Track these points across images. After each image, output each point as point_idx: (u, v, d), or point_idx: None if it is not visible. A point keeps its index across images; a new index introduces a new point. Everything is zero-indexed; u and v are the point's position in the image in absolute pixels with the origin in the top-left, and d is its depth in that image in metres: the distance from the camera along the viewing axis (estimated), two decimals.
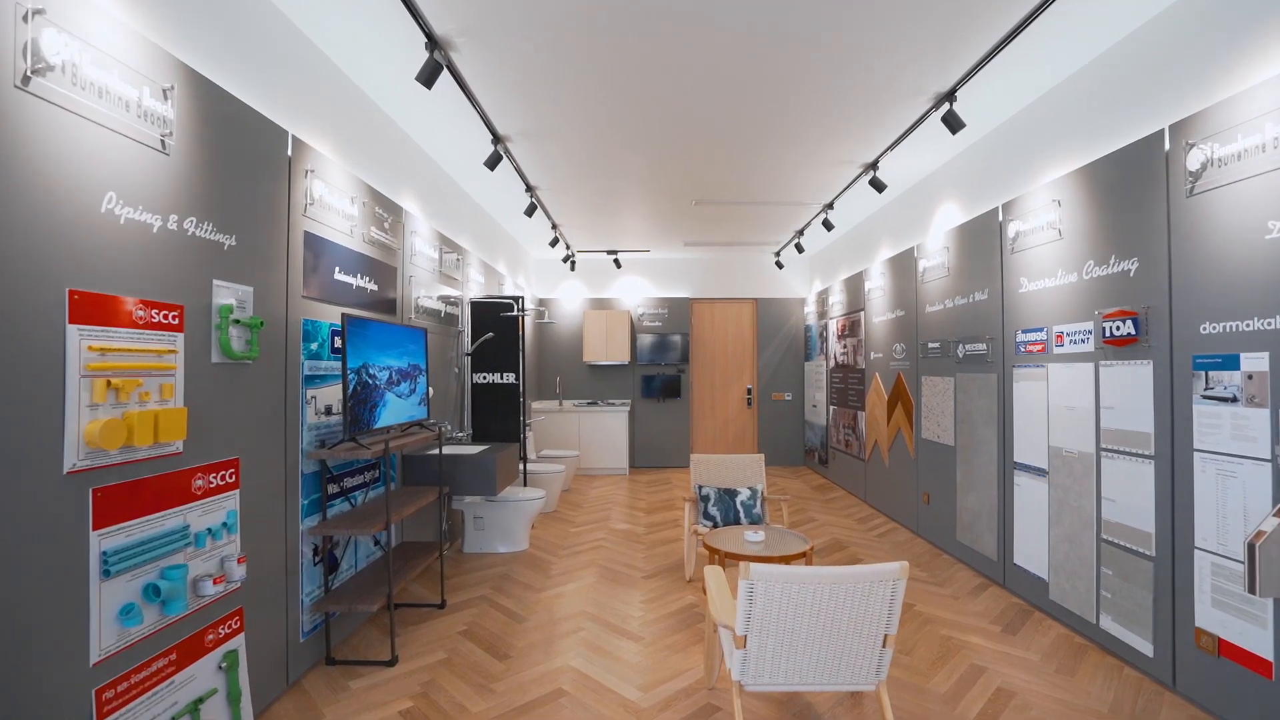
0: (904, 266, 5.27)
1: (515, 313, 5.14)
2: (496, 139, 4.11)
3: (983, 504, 4.00)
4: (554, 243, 6.78)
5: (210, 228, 2.15)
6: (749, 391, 8.59)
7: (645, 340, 8.37)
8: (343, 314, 2.73)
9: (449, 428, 4.69)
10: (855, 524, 5.42)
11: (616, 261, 8.11)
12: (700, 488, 4.25)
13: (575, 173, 5.00)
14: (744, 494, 4.19)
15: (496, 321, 5.20)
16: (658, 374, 8.42)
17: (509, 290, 6.69)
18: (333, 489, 3.01)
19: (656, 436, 8.46)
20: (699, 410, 8.61)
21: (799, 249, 7.15)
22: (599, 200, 5.81)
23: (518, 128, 4.08)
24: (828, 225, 5.93)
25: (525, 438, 5.32)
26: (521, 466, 5.46)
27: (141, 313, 1.85)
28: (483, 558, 4.48)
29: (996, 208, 3.86)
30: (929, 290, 4.79)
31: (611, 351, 8.21)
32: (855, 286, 6.53)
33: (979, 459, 4.05)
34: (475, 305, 5.22)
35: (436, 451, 4.06)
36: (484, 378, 5.20)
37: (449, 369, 4.78)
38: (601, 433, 7.87)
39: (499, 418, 5.19)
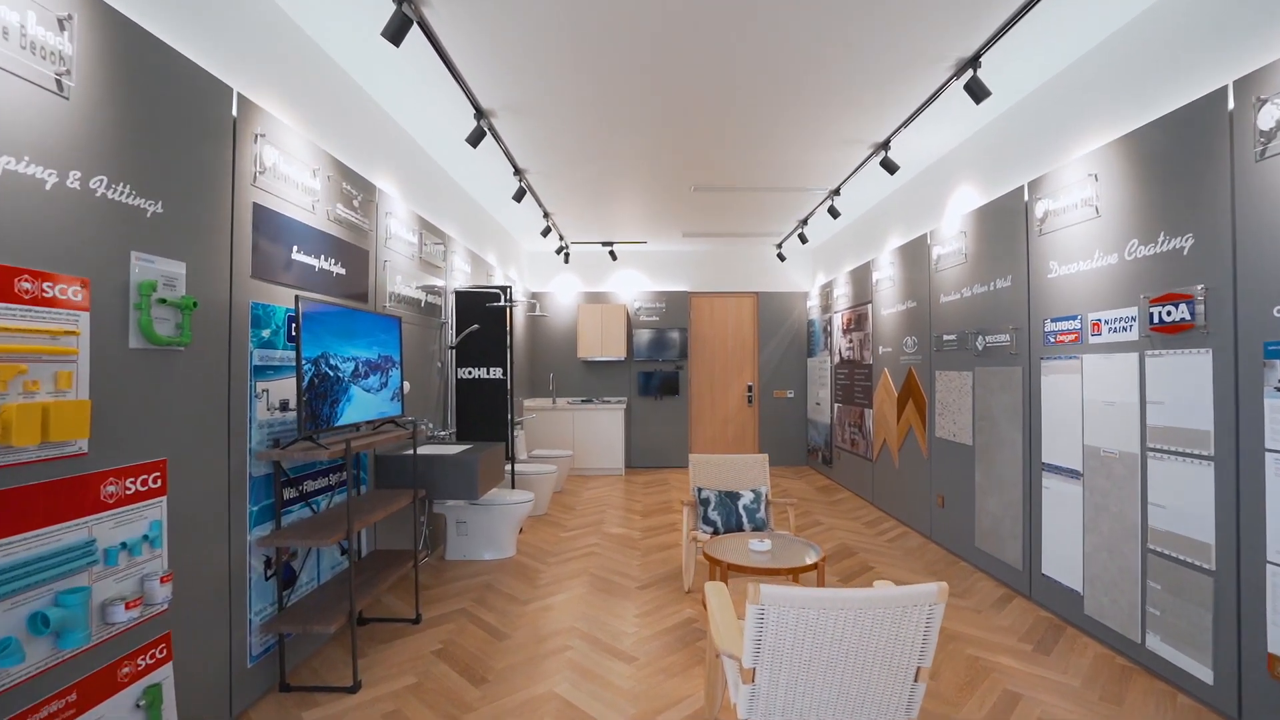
0: (916, 255, 4.97)
1: (503, 303, 4.82)
2: (479, 113, 3.80)
3: (1006, 508, 3.69)
4: (546, 232, 6.46)
5: (127, 190, 1.83)
6: (749, 389, 8.29)
7: (642, 335, 8.06)
8: (296, 296, 2.42)
9: (430, 426, 4.37)
10: (863, 528, 5.12)
11: (612, 253, 7.80)
12: (699, 490, 3.94)
13: (566, 154, 4.69)
14: (747, 497, 3.88)
15: (483, 313, 4.88)
16: (655, 370, 8.11)
17: (499, 282, 6.37)
18: (290, 494, 2.69)
19: (654, 435, 8.15)
20: (698, 408, 8.30)
21: (802, 239, 6.85)
22: (592, 185, 5.50)
23: (502, 101, 3.76)
24: (833, 213, 5.62)
25: (513, 437, 5.01)
26: (509, 467, 5.16)
27: (29, 285, 1.53)
28: (465, 565, 4.16)
29: (1022, 186, 3.55)
30: (944, 279, 4.49)
31: (607, 347, 7.90)
32: (862, 278, 6.22)
33: (1001, 459, 3.75)
34: (460, 295, 4.90)
35: (411, 452, 3.75)
36: (469, 373, 4.89)
37: (430, 363, 4.46)
38: (596, 431, 7.56)
39: (485, 416, 4.87)
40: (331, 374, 2.66)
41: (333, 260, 3.05)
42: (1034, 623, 3.19)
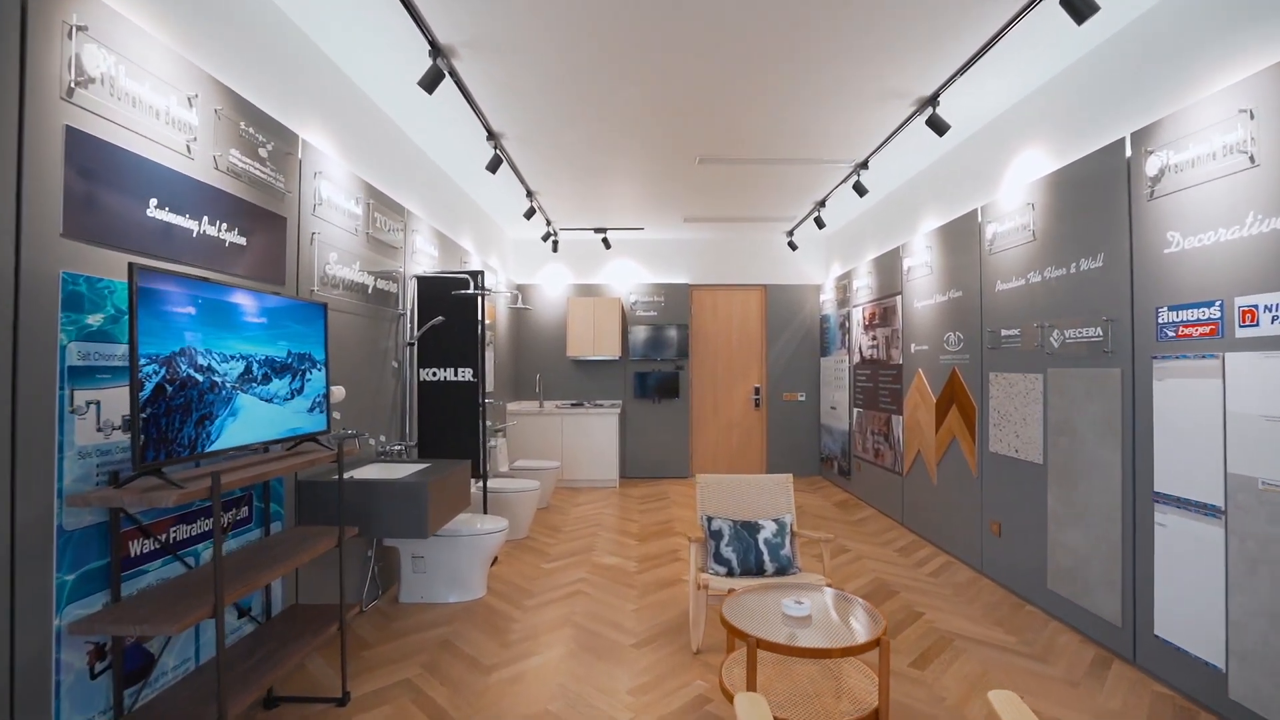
0: (962, 236, 4.21)
1: (473, 291, 4.04)
2: (436, 49, 3.02)
3: (1095, 545, 2.94)
4: (530, 214, 5.68)
5: None
6: (756, 391, 7.53)
7: (638, 332, 7.29)
8: (130, 264, 1.64)
9: (381, 441, 3.60)
10: (897, 556, 4.36)
11: (605, 241, 7.02)
12: (709, 520, 3.19)
13: (548, 113, 3.91)
14: (768, 529, 3.12)
15: (452, 303, 4.11)
16: (653, 371, 7.34)
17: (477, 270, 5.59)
18: (144, 547, 1.92)
19: (651, 443, 7.38)
20: (699, 412, 7.54)
21: (819, 224, 6.09)
22: (580, 156, 4.72)
23: (464, 35, 2.98)
24: (859, 189, 4.86)
25: (486, 451, 4.24)
26: (480, 487, 4.37)
27: None
28: (422, 611, 3.39)
29: (1121, 140, 2.80)
30: (1002, 263, 3.73)
31: (600, 345, 7.13)
32: (889, 266, 5.47)
33: (1088, 484, 3.00)
34: (423, 282, 4.12)
35: (343, 477, 2.99)
36: (433, 374, 4.11)
37: (383, 362, 3.68)
38: (587, 438, 6.79)
39: (453, 425, 4.10)
40: (201, 379, 1.88)
41: (224, 225, 2.27)
42: (1153, 703, 2.43)
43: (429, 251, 4.43)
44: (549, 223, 6.60)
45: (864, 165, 4.77)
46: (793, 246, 7.01)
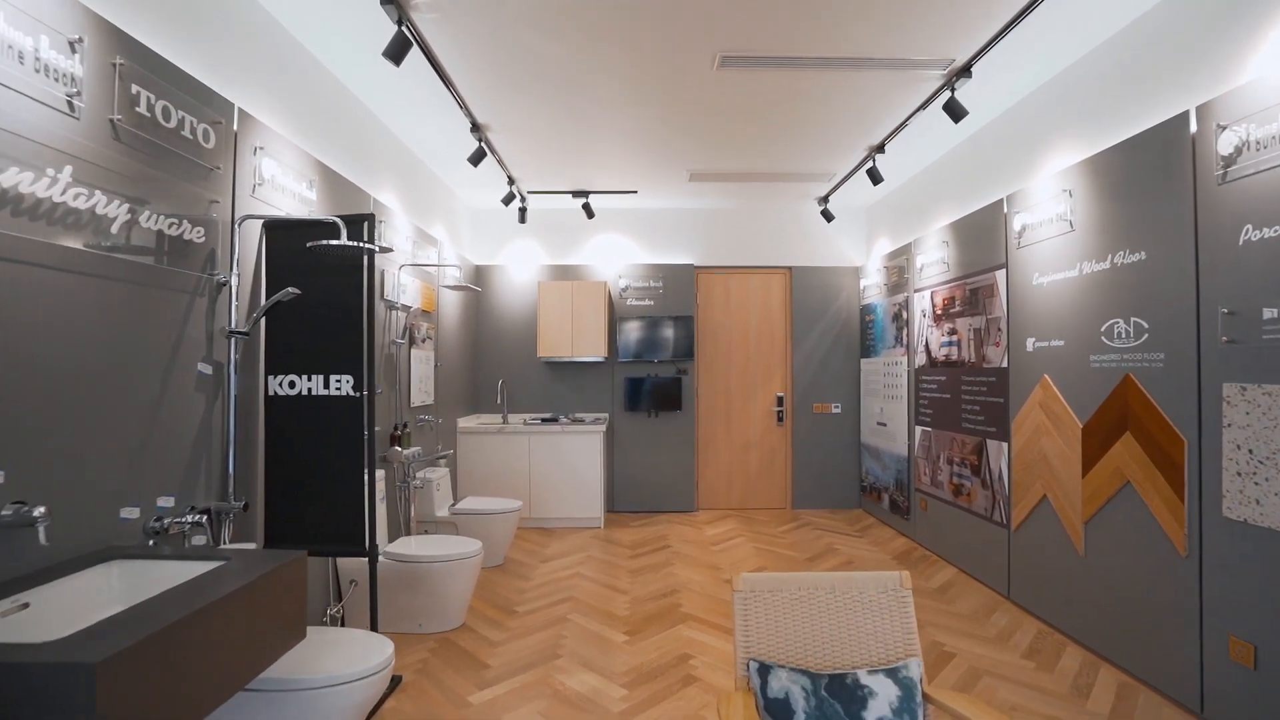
0: (1142, 166, 2.64)
1: (343, 243, 2.39)
2: None
3: None
4: (479, 158, 4.04)
5: None
6: (779, 401, 5.94)
7: (630, 327, 5.68)
8: None
9: (162, 508, 1.96)
10: (1030, 668, 2.77)
11: (587, 208, 5.41)
12: (763, 672, 1.60)
13: None
14: (881, 696, 1.58)
15: (325, 269, 2.49)
16: (648, 376, 5.73)
17: (406, 237, 3.97)
18: None
19: (647, 468, 5.77)
20: (708, 429, 5.94)
21: (873, 177, 4.50)
22: (540, 44, 3.11)
23: None
24: (954, 111, 3.28)
25: (379, 517, 2.61)
26: (367, 577, 2.70)
27: None
28: None
29: None
30: (1257, 194, 2.15)
31: (580, 343, 5.51)
32: (981, 230, 3.89)
33: None
34: (274, 232, 2.51)
35: None
36: (288, 384, 2.49)
37: (170, 365, 2.06)
38: (563, 464, 5.18)
39: (321, 470, 2.47)
40: None
41: None
42: None
43: (297, 190, 2.81)
44: (511, 181, 4.97)
45: (965, 71, 3.19)
46: (828, 216, 5.43)
